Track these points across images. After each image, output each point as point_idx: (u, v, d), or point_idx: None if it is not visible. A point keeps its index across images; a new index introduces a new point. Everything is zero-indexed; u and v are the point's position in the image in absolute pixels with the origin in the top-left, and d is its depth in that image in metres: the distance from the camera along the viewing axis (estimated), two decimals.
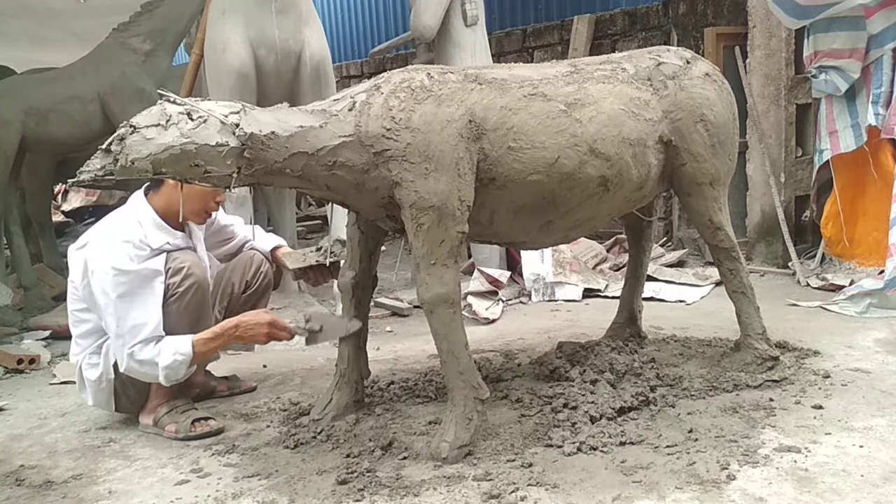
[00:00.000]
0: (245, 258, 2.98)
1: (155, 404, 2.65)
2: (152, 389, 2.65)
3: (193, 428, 2.57)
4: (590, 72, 2.52)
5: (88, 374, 2.66)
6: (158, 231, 2.58)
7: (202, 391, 2.95)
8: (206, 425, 2.59)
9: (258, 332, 2.52)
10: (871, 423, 2.31)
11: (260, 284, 2.96)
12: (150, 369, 2.48)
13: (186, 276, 2.54)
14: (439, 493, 2.02)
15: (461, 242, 2.26)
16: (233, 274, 2.94)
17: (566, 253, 4.55)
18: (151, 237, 2.54)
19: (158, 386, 2.59)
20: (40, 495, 2.22)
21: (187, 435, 2.55)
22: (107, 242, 2.51)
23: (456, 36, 4.55)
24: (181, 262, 2.55)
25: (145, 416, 2.68)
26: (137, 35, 4.68)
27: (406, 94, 2.20)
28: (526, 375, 2.90)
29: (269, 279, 3.01)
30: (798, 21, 4.19)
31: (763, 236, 4.74)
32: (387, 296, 4.53)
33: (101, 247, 2.51)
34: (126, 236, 2.51)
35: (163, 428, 2.61)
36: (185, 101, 2.04)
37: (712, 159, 2.67)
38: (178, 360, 2.46)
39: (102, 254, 2.48)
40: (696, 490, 1.94)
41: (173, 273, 2.53)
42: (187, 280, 2.54)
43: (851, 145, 4.18)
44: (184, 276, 2.54)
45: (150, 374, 2.50)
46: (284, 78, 3.96)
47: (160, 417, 2.62)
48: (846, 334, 3.26)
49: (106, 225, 2.62)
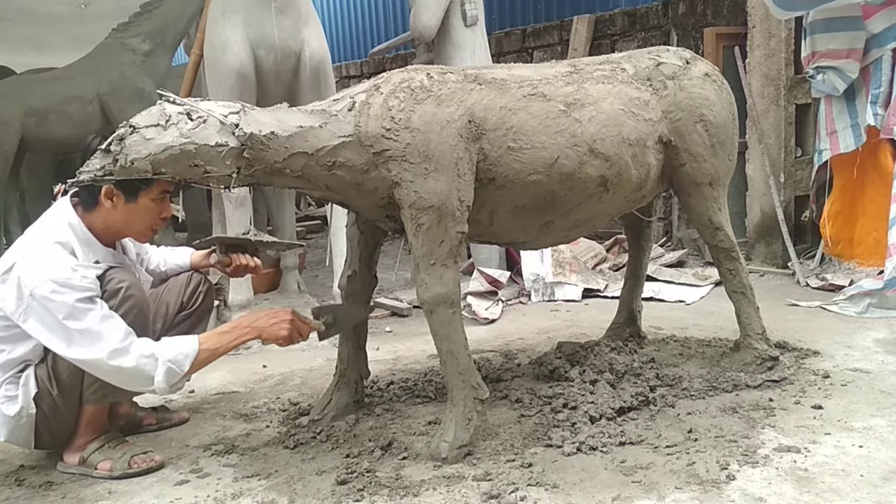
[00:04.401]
0: (181, 278, 2.67)
1: (84, 441, 2.34)
2: (81, 423, 2.34)
3: (132, 464, 2.29)
4: (589, 72, 2.52)
5: (5, 408, 2.27)
6: (87, 247, 2.30)
7: (127, 423, 2.64)
8: (148, 460, 2.32)
9: (280, 328, 2.26)
10: (871, 423, 2.31)
11: (199, 304, 2.65)
12: (146, 365, 2.13)
13: (125, 299, 2.24)
14: (439, 493, 2.02)
15: (461, 242, 2.26)
16: (167, 294, 2.63)
17: (566, 253, 4.55)
18: (79, 252, 2.27)
19: (89, 419, 2.33)
20: (40, 495, 2.22)
21: (125, 473, 2.27)
22: (37, 254, 2.21)
23: (455, 36, 4.56)
24: (118, 283, 2.25)
25: (71, 454, 2.36)
26: (137, 35, 4.69)
27: (406, 94, 2.20)
28: (526, 375, 2.90)
29: (210, 300, 2.71)
30: (786, 12, 4.17)
31: (763, 236, 4.74)
32: (386, 296, 4.53)
33: (31, 262, 2.19)
34: (57, 237, 2.25)
35: (93, 466, 2.30)
36: (184, 102, 2.04)
37: (712, 159, 2.67)
38: (183, 355, 2.17)
39: (36, 270, 2.16)
40: (695, 490, 1.94)
41: (110, 295, 2.22)
42: (126, 302, 2.24)
43: (851, 145, 4.18)
44: (122, 298, 2.24)
45: (142, 374, 2.14)
46: (284, 78, 3.96)
47: (90, 455, 2.32)
48: (846, 334, 3.26)
49: (28, 239, 2.32)
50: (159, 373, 2.15)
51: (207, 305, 2.72)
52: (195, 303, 2.65)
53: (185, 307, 2.64)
